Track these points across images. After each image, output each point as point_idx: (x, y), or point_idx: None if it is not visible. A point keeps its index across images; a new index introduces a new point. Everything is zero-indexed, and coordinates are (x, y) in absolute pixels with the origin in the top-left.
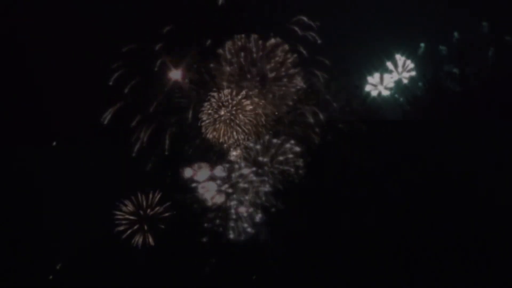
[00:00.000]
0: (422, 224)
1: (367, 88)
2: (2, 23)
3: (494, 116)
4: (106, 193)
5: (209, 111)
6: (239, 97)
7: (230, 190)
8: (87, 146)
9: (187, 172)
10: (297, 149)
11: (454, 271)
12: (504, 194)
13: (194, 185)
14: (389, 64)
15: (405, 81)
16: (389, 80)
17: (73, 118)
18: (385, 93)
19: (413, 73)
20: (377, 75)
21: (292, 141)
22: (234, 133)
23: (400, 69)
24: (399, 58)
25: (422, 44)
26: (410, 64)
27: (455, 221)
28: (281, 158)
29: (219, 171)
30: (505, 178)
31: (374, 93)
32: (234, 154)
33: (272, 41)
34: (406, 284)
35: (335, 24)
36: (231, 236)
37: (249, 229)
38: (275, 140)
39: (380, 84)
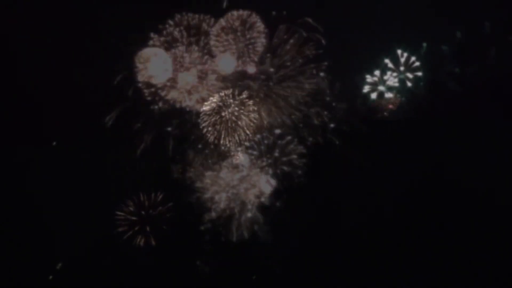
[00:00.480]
0: (422, 224)
1: (369, 88)
2: (3, 23)
3: (494, 116)
4: (108, 193)
5: (209, 112)
6: (241, 97)
7: (232, 191)
8: (88, 146)
9: (189, 173)
10: (301, 150)
11: (454, 271)
12: (504, 194)
13: (196, 185)
14: (392, 63)
15: (409, 84)
16: (393, 80)
17: (75, 119)
18: (388, 95)
19: (420, 73)
20: (379, 74)
21: (296, 142)
22: (236, 135)
23: (403, 67)
24: (402, 55)
25: (424, 44)
26: (416, 62)
27: (455, 221)
28: (284, 159)
29: (221, 172)
30: (505, 178)
31: (376, 93)
32: (235, 156)
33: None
34: (406, 284)
35: (337, 25)
36: (232, 236)
37: (249, 229)
38: (279, 142)
39: (382, 84)
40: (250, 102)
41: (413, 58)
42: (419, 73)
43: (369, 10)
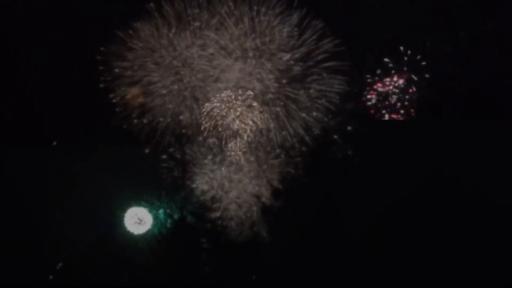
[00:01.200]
0: (422, 224)
1: (370, 88)
2: (4, 23)
3: (494, 116)
4: (108, 194)
5: (210, 114)
6: (244, 97)
7: (233, 191)
8: (89, 146)
9: (191, 173)
10: (305, 151)
11: (454, 271)
12: (504, 194)
13: (197, 186)
14: (394, 63)
15: (411, 84)
16: (395, 80)
17: (76, 119)
18: (390, 95)
19: (421, 74)
20: (382, 75)
21: (301, 144)
22: (238, 138)
23: (405, 68)
24: (405, 55)
25: (427, 44)
26: (418, 63)
27: (455, 221)
28: (289, 160)
29: (223, 172)
30: (505, 178)
31: (377, 93)
32: (238, 156)
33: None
34: (406, 284)
35: (338, 25)
36: (231, 236)
37: (249, 229)
38: (285, 143)
39: (385, 85)
40: (255, 104)
41: (415, 58)
42: (421, 73)
43: (368, 10)
